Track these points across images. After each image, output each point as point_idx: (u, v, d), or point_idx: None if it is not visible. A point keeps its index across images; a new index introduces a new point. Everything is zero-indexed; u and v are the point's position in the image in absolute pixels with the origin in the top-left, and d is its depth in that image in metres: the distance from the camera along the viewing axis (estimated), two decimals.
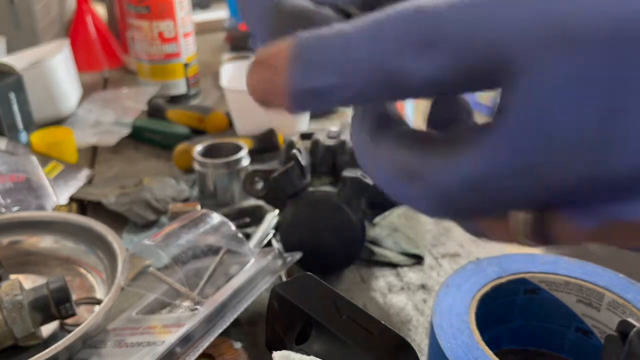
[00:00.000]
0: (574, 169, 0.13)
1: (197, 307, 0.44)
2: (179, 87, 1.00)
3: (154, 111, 0.92)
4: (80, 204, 0.68)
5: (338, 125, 0.90)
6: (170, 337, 0.40)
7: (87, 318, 0.44)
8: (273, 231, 0.60)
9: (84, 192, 0.69)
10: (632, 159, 0.12)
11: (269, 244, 0.59)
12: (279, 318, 0.43)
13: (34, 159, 0.69)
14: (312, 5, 0.18)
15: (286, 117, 0.81)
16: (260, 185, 0.55)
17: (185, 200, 0.69)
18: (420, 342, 0.47)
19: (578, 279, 0.40)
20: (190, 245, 0.46)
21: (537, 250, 0.77)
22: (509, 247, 0.60)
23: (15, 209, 0.63)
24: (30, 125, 0.84)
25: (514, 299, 0.42)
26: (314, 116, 0.93)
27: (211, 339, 0.41)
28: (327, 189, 0.52)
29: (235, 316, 0.43)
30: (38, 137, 0.79)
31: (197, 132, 0.86)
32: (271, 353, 0.34)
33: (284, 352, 0.34)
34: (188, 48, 0.99)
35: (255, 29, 0.19)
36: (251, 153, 0.76)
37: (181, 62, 0.98)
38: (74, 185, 0.73)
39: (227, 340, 0.45)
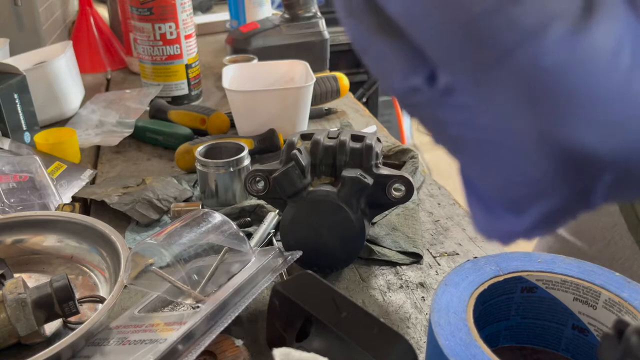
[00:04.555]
0: None
1: (199, 305, 0.44)
2: (181, 88, 1.01)
3: (156, 112, 0.93)
4: (84, 204, 0.69)
5: (338, 126, 0.90)
6: (173, 335, 0.41)
7: (90, 316, 0.45)
8: (274, 230, 0.61)
9: (87, 192, 0.70)
10: None
11: (270, 242, 0.60)
12: (280, 315, 0.44)
13: (38, 159, 0.70)
14: None
15: (287, 118, 0.81)
16: (261, 185, 0.55)
17: (187, 199, 0.69)
18: (418, 340, 0.48)
19: (574, 277, 0.41)
20: (192, 244, 0.47)
21: (534, 249, 0.78)
22: (506, 246, 0.60)
23: (19, 208, 0.64)
24: (34, 125, 0.85)
25: (511, 297, 0.42)
26: (313, 117, 0.94)
27: (213, 336, 0.41)
28: (327, 189, 0.52)
29: (236, 314, 0.43)
30: (42, 137, 0.80)
31: (199, 133, 0.87)
32: (272, 350, 0.35)
33: (285, 349, 0.35)
34: (190, 50, 1.00)
35: None
36: (252, 153, 0.76)
37: (183, 64, 0.99)
38: (77, 184, 0.73)
39: (229, 337, 0.45)
